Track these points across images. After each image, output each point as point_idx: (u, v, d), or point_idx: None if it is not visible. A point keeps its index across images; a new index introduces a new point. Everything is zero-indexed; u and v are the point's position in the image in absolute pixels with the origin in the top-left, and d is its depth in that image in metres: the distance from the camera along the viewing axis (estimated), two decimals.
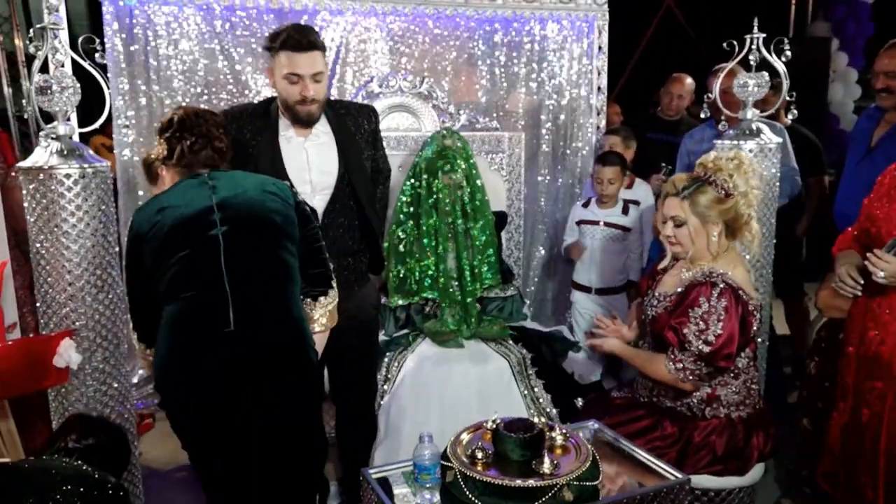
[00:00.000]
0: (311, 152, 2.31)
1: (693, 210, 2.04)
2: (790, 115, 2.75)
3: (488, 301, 2.81)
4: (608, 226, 3.13)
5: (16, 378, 1.97)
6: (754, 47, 2.51)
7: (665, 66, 4.42)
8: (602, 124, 3.53)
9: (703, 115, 2.83)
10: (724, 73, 2.71)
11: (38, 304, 2.12)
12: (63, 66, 2.42)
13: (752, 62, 2.51)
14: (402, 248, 2.70)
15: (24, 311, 2.48)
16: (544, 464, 1.51)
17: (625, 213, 3.14)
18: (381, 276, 2.67)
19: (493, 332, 2.67)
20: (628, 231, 3.14)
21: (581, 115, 3.49)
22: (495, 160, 3.24)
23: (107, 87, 2.15)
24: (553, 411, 2.54)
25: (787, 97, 2.59)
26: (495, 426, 1.60)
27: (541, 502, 1.47)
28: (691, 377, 1.99)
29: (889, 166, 2.12)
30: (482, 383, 2.50)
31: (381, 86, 3.11)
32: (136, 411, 2.44)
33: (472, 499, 1.50)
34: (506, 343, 2.66)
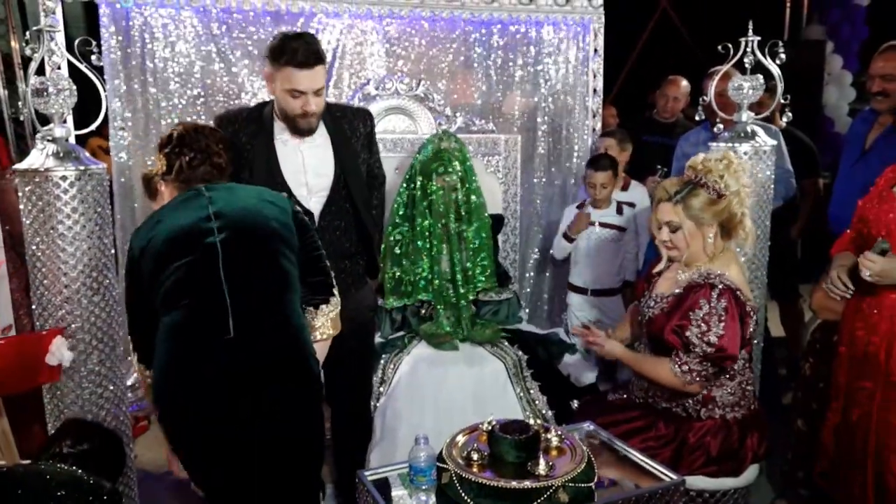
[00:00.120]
0: (306, 155, 2.32)
1: (687, 214, 2.05)
2: (785, 118, 2.76)
3: (483, 304, 2.81)
4: (603, 226, 3.14)
5: (9, 377, 1.97)
6: (749, 50, 2.52)
7: (661, 69, 4.45)
8: (598, 127, 3.54)
9: (698, 118, 2.85)
10: (719, 76, 2.72)
11: (33, 306, 2.12)
12: (59, 69, 2.41)
13: (746, 65, 2.52)
14: (397, 249, 2.70)
15: (20, 313, 2.48)
16: (540, 465, 1.51)
17: (619, 213, 3.15)
18: (378, 278, 2.68)
19: (486, 336, 2.66)
20: (623, 231, 3.15)
21: (577, 118, 3.50)
22: (491, 162, 3.25)
23: (103, 90, 2.16)
24: (549, 413, 2.54)
25: (782, 100, 2.60)
26: (491, 428, 1.60)
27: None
28: (698, 378, 2.00)
29: (884, 168, 2.14)
30: (478, 385, 2.50)
31: (377, 88, 3.12)
32: (132, 414, 2.44)
33: (468, 500, 1.50)
34: (502, 345, 2.67)
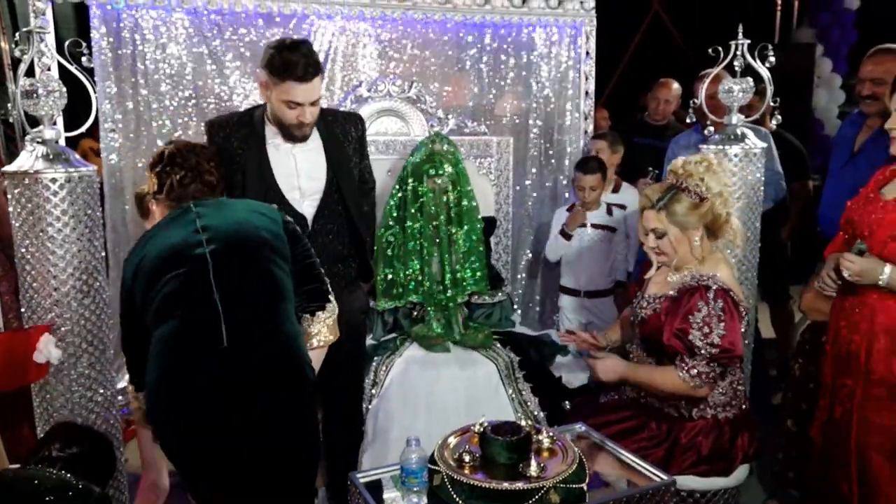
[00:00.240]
0: (299, 159, 2.32)
1: (671, 220, 2.06)
2: (774, 121, 2.78)
3: (476, 307, 2.81)
4: (595, 227, 3.15)
5: None
6: (739, 53, 2.54)
7: (652, 72, 4.47)
8: (590, 129, 3.55)
9: (689, 120, 2.86)
10: (709, 79, 2.74)
11: (23, 309, 2.11)
12: (49, 70, 2.41)
13: (736, 68, 2.54)
14: (389, 251, 2.70)
15: (9, 316, 2.46)
16: (531, 466, 1.51)
17: (609, 214, 3.16)
18: (371, 281, 2.68)
19: (478, 340, 2.67)
20: (614, 232, 3.16)
21: (569, 120, 3.51)
22: (484, 164, 3.25)
23: (93, 91, 2.15)
24: (541, 414, 2.55)
25: (772, 102, 2.62)
26: (483, 429, 1.60)
27: None
28: (707, 381, 2.00)
29: (872, 170, 2.16)
30: (470, 387, 2.50)
31: (369, 90, 3.12)
32: (122, 417, 2.42)
33: (459, 502, 1.50)
34: (494, 347, 2.67)
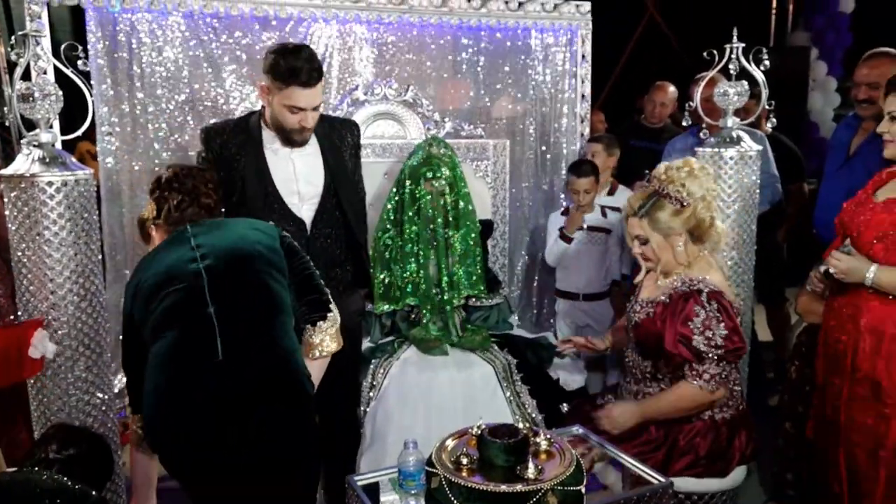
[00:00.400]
0: (297, 163, 2.33)
1: (653, 226, 2.07)
2: (770, 124, 2.79)
3: (473, 310, 2.81)
4: (590, 230, 3.15)
5: None
6: (734, 56, 2.55)
7: (648, 75, 4.49)
8: (586, 132, 3.56)
9: (685, 123, 2.87)
10: (704, 82, 2.75)
11: (19, 312, 2.10)
12: (45, 73, 2.41)
13: (731, 71, 2.55)
14: (387, 254, 2.70)
15: (5, 320, 2.45)
16: (529, 469, 1.51)
17: (603, 216, 3.17)
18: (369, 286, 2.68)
19: (475, 342, 2.66)
20: (609, 233, 3.17)
21: (565, 123, 3.52)
22: (480, 167, 3.26)
23: (89, 95, 2.14)
24: (538, 417, 2.55)
25: (767, 106, 2.63)
26: (480, 432, 1.60)
27: None
28: (720, 381, 2.01)
29: (868, 173, 2.18)
30: (467, 389, 2.50)
31: (366, 93, 3.12)
32: (120, 420, 2.42)
33: None
34: (491, 349, 2.67)
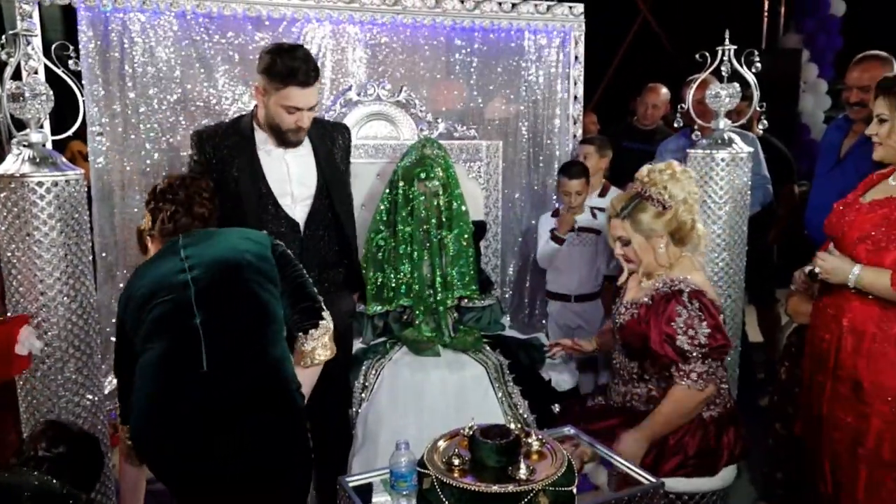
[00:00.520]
0: (291, 164, 2.34)
1: (635, 228, 2.09)
2: (761, 126, 2.81)
3: (466, 311, 2.82)
4: (581, 231, 3.16)
5: None
6: (726, 59, 2.57)
7: (641, 76, 4.50)
8: (579, 133, 3.57)
9: (677, 125, 2.89)
10: (696, 84, 2.76)
11: (9, 314, 2.09)
12: (36, 73, 2.39)
13: (723, 73, 2.57)
14: (380, 255, 2.70)
15: None
16: (520, 470, 1.51)
17: (593, 217, 3.17)
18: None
19: (468, 343, 2.67)
20: (599, 234, 3.18)
21: (558, 124, 3.53)
22: (473, 168, 3.26)
23: (80, 94, 2.13)
24: (530, 417, 2.55)
25: (758, 108, 2.64)
26: (472, 433, 1.60)
27: None
28: (708, 378, 2.02)
29: (859, 175, 2.21)
30: (460, 390, 2.50)
31: (359, 94, 3.12)
32: (110, 421, 2.40)
33: None
34: (483, 350, 2.67)
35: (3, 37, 2.07)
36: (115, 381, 1.91)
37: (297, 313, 1.88)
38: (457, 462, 1.55)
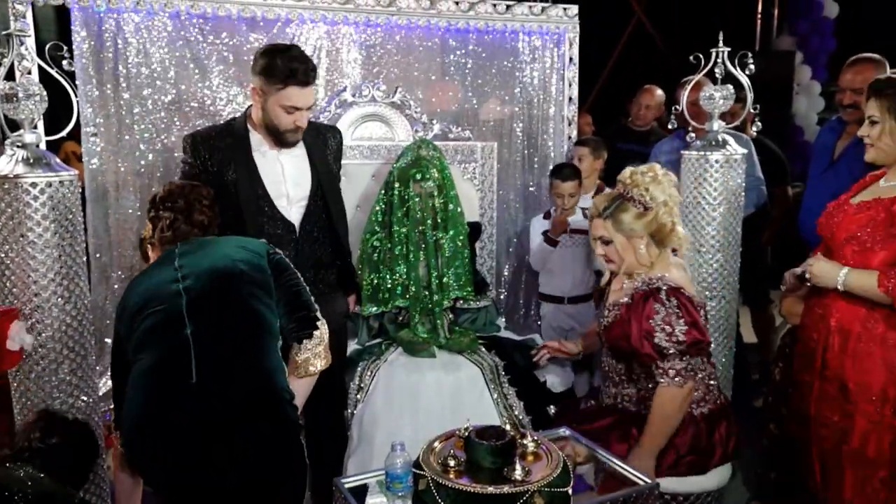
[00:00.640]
0: (286, 165, 2.34)
1: (616, 228, 2.12)
2: (755, 127, 2.82)
3: (461, 312, 2.82)
4: (573, 232, 3.16)
5: None
6: (720, 61, 2.58)
7: (635, 78, 4.51)
8: (574, 134, 3.57)
9: (671, 126, 2.89)
10: (691, 86, 2.77)
11: None
12: (30, 73, 2.39)
13: (717, 75, 2.58)
14: (375, 256, 2.70)
15: None
16: (516, 471, 1.52)
17: (586, 218, 3.17)
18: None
19: (463, 344, 2.67)
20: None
21: (553, 126, 3.53)
22: (468, 169, 3.26)
23: (74, 95, 2.13)
24: (525, 419, 2.55)
25: (752, 109, 2.66)
26: (467, 434, 1.61)
27: None
28: (687, 374, 2.03)
29: (852, 177, 2.23)
30: (455, 391, 2.50)
31: (354, 95, 3.12)
32: (105, 423, 2.40)
33: None
34: (479, 351, 2.67)
35: None
36: (111, 383, 1.91)
37: (292, 322, 1.88)
38: (452, 463, 1.56)
